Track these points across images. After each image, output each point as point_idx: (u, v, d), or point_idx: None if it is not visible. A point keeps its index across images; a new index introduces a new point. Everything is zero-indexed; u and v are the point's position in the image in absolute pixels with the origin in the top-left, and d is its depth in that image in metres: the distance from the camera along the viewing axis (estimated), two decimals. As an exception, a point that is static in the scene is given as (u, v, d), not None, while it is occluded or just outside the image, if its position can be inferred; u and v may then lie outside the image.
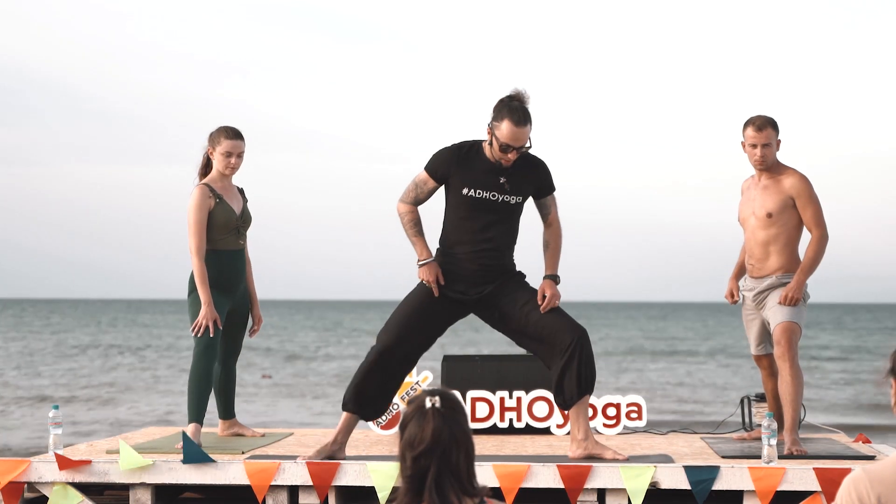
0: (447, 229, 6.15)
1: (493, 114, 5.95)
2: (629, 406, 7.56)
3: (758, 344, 6.82)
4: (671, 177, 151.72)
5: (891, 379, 2.73)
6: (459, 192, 6.02)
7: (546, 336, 6.06)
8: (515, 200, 6.06)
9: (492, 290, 6.09)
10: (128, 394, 23.62)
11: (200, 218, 6.56)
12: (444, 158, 6.06)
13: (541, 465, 5.90)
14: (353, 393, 6.15)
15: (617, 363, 35.45)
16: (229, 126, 6.71)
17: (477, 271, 6.08)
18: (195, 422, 6.51)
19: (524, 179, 6.07)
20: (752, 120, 6.62)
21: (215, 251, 6.63)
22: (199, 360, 6.52)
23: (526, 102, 5.97)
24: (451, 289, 6.10)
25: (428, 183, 6.10)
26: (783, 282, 6.57)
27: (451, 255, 6.11)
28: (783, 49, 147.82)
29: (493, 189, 6.00)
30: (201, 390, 6.53)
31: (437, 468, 2.87)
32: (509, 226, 6.10)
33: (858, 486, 2.65)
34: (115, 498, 6.37)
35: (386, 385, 6.14)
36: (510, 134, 5.88)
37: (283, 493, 6.00)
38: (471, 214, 6.03)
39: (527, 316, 6.08)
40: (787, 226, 6.56)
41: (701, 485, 5.78)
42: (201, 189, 6.61)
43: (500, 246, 6.10)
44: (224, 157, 6.65)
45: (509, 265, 6.18)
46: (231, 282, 6.70)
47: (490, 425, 7.49)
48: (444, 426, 2.90)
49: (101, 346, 43.56)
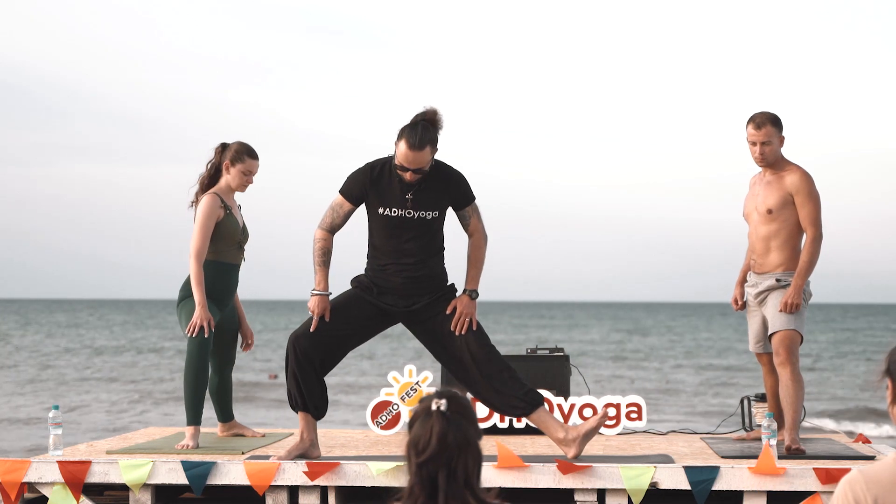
0: (371, 246, 6.21)
1: (398, 135, 6.00)
2: (629, 406, 7.56)
3: (756, 341, 6.81)
4: (668, 176, 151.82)
5: (887, 380, 2.73)
6: (376, 211, 6.10)
7: (468, 362, 6.12)
8: (431, 216, 6.11)
9: (421, 307, 6.15)
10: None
11: (208, 225, 6.59)
12: (357, 180, 6.12)
13: (541, 465, 5.91)
14: (291, 394, 6.19)
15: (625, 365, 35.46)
16: (251, 146, 6.77)
17: (403, 284, 6.13)
18: (193, 424, 6.53)
19: (437, 194, 6.10)
20: (752, 117, 6.63)
21: (216, 262, 6.66)
22: (192, 360, 6.53)
23: (437, 124, 6.01)
24: (380, 300, 6.16)
25: (344, 206, 6.15)
26: (784, 282, 6.56)
27: (379, 270, 6.17)
28: (781, 48, 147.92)
29: (406, 206, 6.06)
30: (197, 391, 6.54)
31: (445, 475, 2.82)
32: (429, 239, 6.15)
33: (855, 488, 2.64)
34: (115, 498, 6.38)
35: (308, 383, 6.14)
36: (404, 156, 5.95)
37: (283, 493, 6.00)
38: (389, 232, 6.10)
39: (451, 337, 6.13)
40: (787, 222, 6.56)
41: (701, 485, 5.78)
42: (213, 198, 6.65)
43: (424, 258, 6.15)
44: (243, 175, 6.72)
45: (438, 275, 6.22)
46: (224, 294, 6.75)
47: (490, 425, 7.49)
48: (449, 430, 2.83)
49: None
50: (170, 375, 29.03)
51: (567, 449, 6.11)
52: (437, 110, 6.00)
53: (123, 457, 6.22)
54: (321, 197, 6.37)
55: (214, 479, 6.01)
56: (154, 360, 35.29)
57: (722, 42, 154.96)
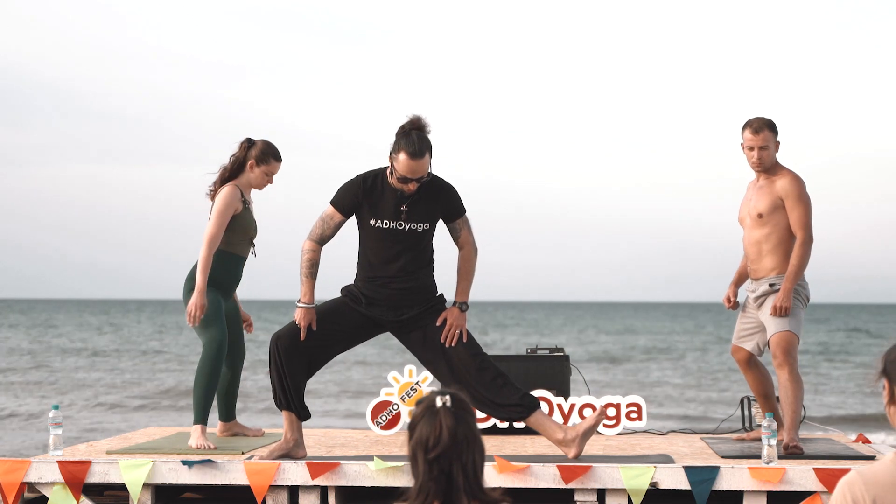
0: (361, 257, 6.20)
1: (393, 144, 5.99)
2: (629, 406, 7.56)
3: (739, 337, 6.86)
4: (665, 177, 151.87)
5: (883, 379, 2.73)
6: (367, 223, 6.09)
7: (460, 373, 6.11)
8: (423, 228, 6.11)
9: (410, 318, 6.15)
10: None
11: (227, 214, 6.61)
12: (349, 191, 6.11)
13: (541, 465, 5.91)
14: (276, 393, 6.21)
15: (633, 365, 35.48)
16: (276, 148, 6.80)
17: (393, 295, 6.13)
18: (200, 423, 6.53)
19: (429, 206, 6.10)
20: (749, 122, 6.65)
21: (228, 253, 6.69)
22: (210, 360, 6.54)
23: (425, 130, 6.01)
24: (368, 310, 6.16)
25: (335, 217, 6.15)
26: (778, 286, 6.60)
27: (368, 281, 6.16)
28: (777, 48, 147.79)
29: (398, 219, 6.06)
30: (209, 391, 6.56)
31: (459, 468, 2.85)
32: (419, 252, 6.15)
33: (853, 489, 2.64)
34: (115, 498, 6.38)
35: (293, 382, 6.15)
36: (407, 167, 5.93)
37: (283, 493, 6.00)
38: (380, 244, 6.10)
39: (442, 348, 6.13)
40: (778, 226, 6.60)
41: (701, 485, 5.78)
42: (235, 190, 6.67)
43: (414, 270, 6.15)
44: (266, 175, 6.76)
45: (427, 286, 6.21)
46: (230, 285, 6.79)
47: (490, 425, 7.49)
48: (457, 425, 2.88)
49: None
50: (154, 376, 29.03)
51: (567, 450, 6.11)
52: (421, 116, 6.00)
53: (123, 457, 6.22)
54: (320, 197, 6.35)
55: (214, 479, 6.01)
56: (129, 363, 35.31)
57: (722, 44, 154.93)
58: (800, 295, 6.60)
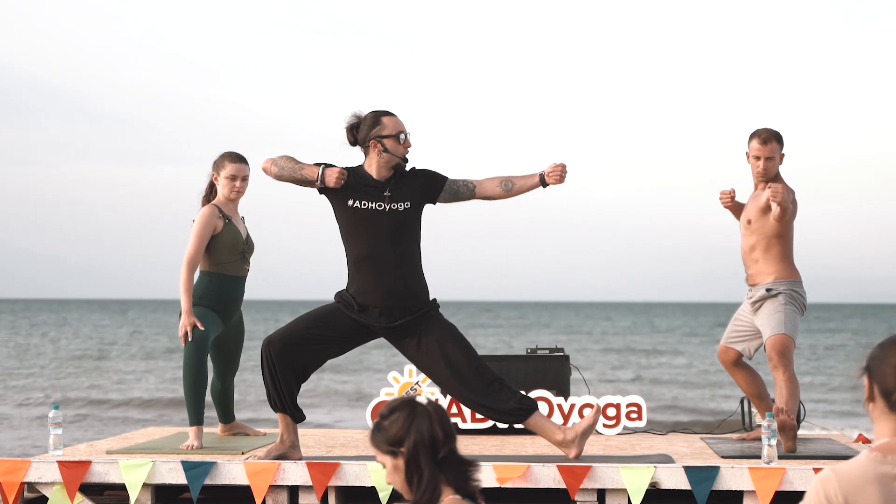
0: (349, 264, 6.14)
1: (370, 125, 6.05)
2: (629, 406, 7.56)
3: (729, 338, 6.90)
4: (667, 180, 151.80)
5: (865, 376, 2.74)
6: (345, 204, 6.07)
7: (456, 378, 6.08)
8: (403, 207, 6.06)
9: (403, 324, 6.12)
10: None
11: (204, 234, 6.58)
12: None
13: (541, 465, 5.90)
14: (270, 395, 6.20)
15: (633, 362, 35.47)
16: (233, 151, 6.76)
17: (384, 299, 6.07)
18: (196, 424, 6.53)
19: (410, 188, 6.10)
20: (757, 132, 6.69)
21: (220, 274, 6.67)
22: (189, 362, 6.51)
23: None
24: (361, 317, 6.13)
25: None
26: (774, 291, 6.63)
27: (359, 285, 6.11)
28: (777, 51, 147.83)
29: (379, 199, 6.05)
30: (197, 392, 6.54)
31: (462, 457, 2.96)
32: (406, 246, 6.10)
33: (826, 486, 2.65)
34: (115, 498, 6.38)
35: (286, 386, 6.13)
36: (396, 123, 6.05)
37: (283, 493, 6.00)
38: (362, 232, 6.07)
39: (437, 354, 6.10)
40: (765, 232, 6.65)
41: (701, 485, 5.78)
42: (211, 208, 6.64)
43: (403, 272, 6.10)
44: (229, 181, 6.69)
45: (418, 291, 6.16)
46: (229, 307, 6.73)
47: (490, 425, 7.48)
48: (447, 418, 2.97)
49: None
50: (154, 376, 29.04)
51: (567, 450, 6.10)
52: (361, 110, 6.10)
53: (123, 457, 6.22)
54: (311, 196, 6.28)
55: (214, 479, 6.01)
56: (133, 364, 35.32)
57: (728, 47, 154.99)
58: (796, 301, 6.66)
